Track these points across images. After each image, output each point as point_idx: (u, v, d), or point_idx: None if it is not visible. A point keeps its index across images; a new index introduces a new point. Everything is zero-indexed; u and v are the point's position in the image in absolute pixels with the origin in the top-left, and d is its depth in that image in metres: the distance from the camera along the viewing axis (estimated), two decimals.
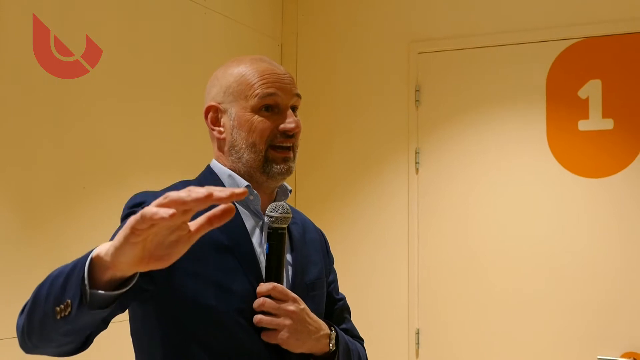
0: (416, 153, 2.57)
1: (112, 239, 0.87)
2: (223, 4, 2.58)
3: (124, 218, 1.13)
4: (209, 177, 1.23)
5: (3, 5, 1.85)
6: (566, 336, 2.35)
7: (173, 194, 0.74)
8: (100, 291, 0.83)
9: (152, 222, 0.73)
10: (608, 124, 2.34)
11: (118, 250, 0.79)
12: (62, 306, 0.86)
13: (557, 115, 2.44)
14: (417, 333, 2.52)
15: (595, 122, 2.37)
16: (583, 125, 2.37)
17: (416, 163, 2.57)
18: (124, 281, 0.85)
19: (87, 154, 2.09)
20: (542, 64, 2.45)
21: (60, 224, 1.97)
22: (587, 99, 2.39)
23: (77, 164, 2.06)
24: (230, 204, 0.76)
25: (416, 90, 2.59)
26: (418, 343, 2.51)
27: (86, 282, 0.83)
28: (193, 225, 0.79)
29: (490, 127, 2.52)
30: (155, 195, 1.09)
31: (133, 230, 0.75)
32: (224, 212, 0.75)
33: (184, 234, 0.78)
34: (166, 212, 0.72)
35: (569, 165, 2.38)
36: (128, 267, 0.82)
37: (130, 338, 1.21)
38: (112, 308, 0.88)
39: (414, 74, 2.62)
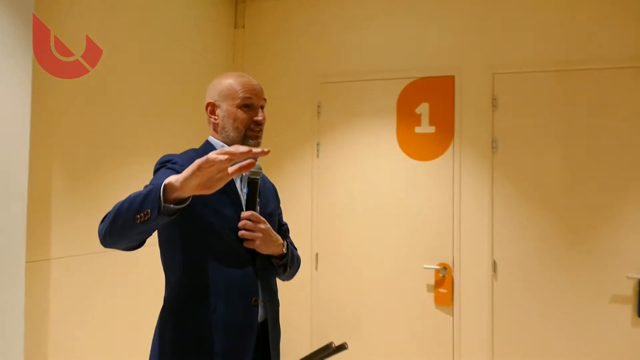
0: (317, 145, 3.44)
1: (146, 188, 1.22)
2: (192, 41, 3.03)
3: (156, 171, 1.47)
4: (209, 147, 1.56)
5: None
6: (406, 253, 3.24)
7: (227, 149, 1.04)
8: (170, 205, 1.13)
9: (212, 163, 1.03)
10: (432, 129, 3.23)
11: (187, 179, 1.09)
12: (143, 214, 1.14)
13: (403, 124, 3.28)
14: (317, 255, 3.41)
15: (424, 127, 3.24)
16: (418, 130, 3.26)
17: (317, 151, 3.45)
18: (181, 201, 1.15)
19: (115, 136, 2.37)
20: (394, 92, 3.29)
21: (95, 181, 2.25)
22: (420, 114, 3.26)
23: (108, 142, 2.32)
24: (252, 160, 1.06)
25: (318, 106, 3.45)
26: (317, 262, 3.43)
27: (161, 198, 1.12)
28: (230, 170, 1.08)
29: (364, 131, 3.37)
30: (174, 156, 1.49)
31: (200, 167, 1.05)
32: (249, 165, 1.06)
33: (225, 174, 1.09)
34: (223, 157, 1.02)
35: (410, 154, 3.27)
36: (190, 190, 1.11)
37: (159, 251, 1.51)
38: (174, 217, 1.17)
39: (317, 96, 3.45)
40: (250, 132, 1.54)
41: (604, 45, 3.06)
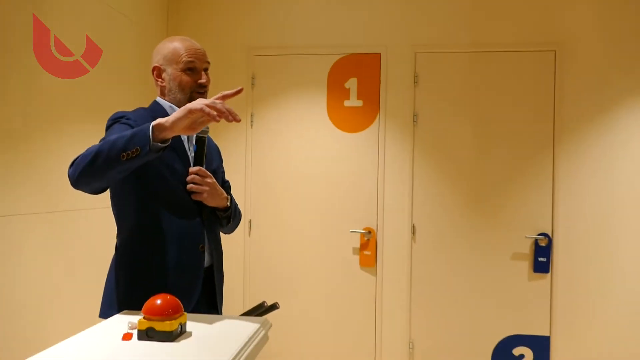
0: (251, 115, 3.58)
1: (102, 141, 1.33)
2: (126, 8, 3.01)
3: (109, 126, 1.55)
4: (157, 107, 1.64)
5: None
6: (334, 219, 3.47)
7: (213, 105, 1.27)
8: (158, 143, 1.28)
9: (201, 113, 1.25)
10: (359, 103, 3.46)
11: (178, 119, 1.28)
12: (131, 152, 1.26)
13: (333, 97, 3.48)
14: (250, 222, 3.59)
15: (353, 101, 3.46)
16: (347, 103, 3.47)
17: (251, 121, 3.58)
18: (164, 141, 1.29)
19: (45, 101, 2.28)
20: (325, 67, 3.49)
21: (37, 144, 2.30)
22: (349, 89, 3.47)
23: (37, 106, 2.27)
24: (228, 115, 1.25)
25: (252, 78, 3.56)
26: (250, 228, 3.59)
27: (151, 137, 1.27)
28: (209, 117, 1.27)
29: (297, 103, 3.52)
30: (126, 113, 1.57)
31: (190, 111, 1.26)
32: (227, 115, 1.29)
33: (206, 119, 1.29)
34: (214, 113, 1.24)
35: (339, 126, 3.49)
36: (178, 130, 1.28)
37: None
38: (158, 154, 1.30)
39: (251, 68, 3.57)
40: (195, 95, 1.62)
41: (511, 29, 3.39)
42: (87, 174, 1.33)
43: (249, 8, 3.64)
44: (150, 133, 1.29)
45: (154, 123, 1.30)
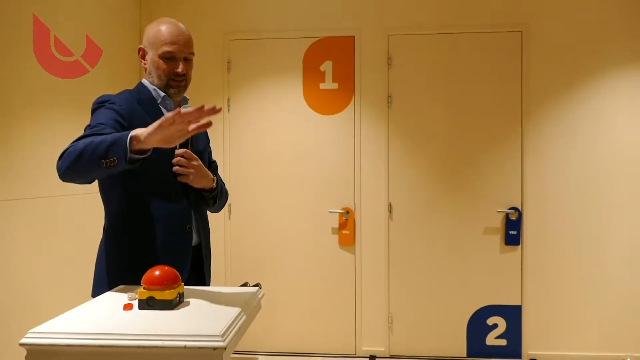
0: (228, 99, 3.60)
1: (86, 128, 1.35)
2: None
3: (95, 110, 1.54)
4: (142, 88, 1.65)
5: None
6: (313, 200, 3.55)
7: (179, 113, 1.18)
8: (134, 155, 1.27)
9: (171, 122, 1.20)
10: (335, 86, 3.51)
11: (150, 134, 1.23)
12: (109, 160, 1.26)
13: (309, 80, 3.53)
14: (230, 205, 3.63)
15: (328, 84, 3.52)
16: (322, 86, 3.52)
17: (228, 106, 3.61)
18: (144, 152, 1.28)
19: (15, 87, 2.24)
20: (301, 50, 3.52)
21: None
22: (324, 72, 3.52)
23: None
24: (210, 121, 1.17)
25: (228, 62, 3.58)
26: (230, 212, 3.64)
27: (128, 149, 1.26)
28: (190, 128, 1.22)
29: (273, 86, 3.55)
30: (111, 97, 1.56)
31: (160, 125, 1.21)
32: (207, 124, 1.21)
33: (184, 132, 1.23)
34: (179, 120, 1.18)
35: (315, 108, 3.54)
36: (152, 144, 1.25)
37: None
38: (135, 165, 1.29)
39: (227, 53, 3.58)
40: (172, 82, 1.61)
41: (480, 11, 3.50)
42: (71, 171, 1.34)
43: None
44: (128, 144, 1.27)
45: (132, 133, 1.28)
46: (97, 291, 1.61)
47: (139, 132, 1.27)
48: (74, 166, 1.32)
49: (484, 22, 3.49)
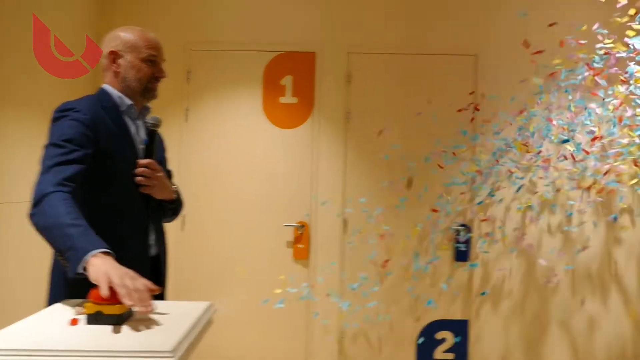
0: (186, 109, 3.58)
1: (52, 145, 1.35)
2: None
3: (57, 119, 1.49)
4: (105, 95, 1.62)
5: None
6: (268, 213, 3.54)
7: (135, 287, 1.20)
8: (84, 273, 1.26)
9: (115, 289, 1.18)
10: (295, 100, 3.52)
11: (95, 280, 1.21)
12: (62, 258, 1.29)
13: (269, 93, 3.52)
14: (184, 216, 3.56)
15: (288, 98, 3.52)
16: (282, 100, 3.53)
17: (186, 116, 3.58)
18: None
19: None
20: (262, 63, 3.53)
21: None
22: (284, 85, 3.52)
23: None
24: (150, 309, 1.19)
25: (188, 72, 3.56)
26: (184, 222, 3.58)
27: (83, 265, 1.25)
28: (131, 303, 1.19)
29: (233, 98, 3.55)
30: (74, 104, 1.51)
31: (102, 285, 1.18)
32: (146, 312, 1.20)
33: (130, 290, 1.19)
34: (129, 302, 1.18)
35: (274, 122, 3.55)
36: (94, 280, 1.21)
37: None
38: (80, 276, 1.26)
39: (187, 63, 3.56)
40: (150, 86, 1.65)
41: (436, 34, 3.62)
42: (39, 229, 1.35)
43: (185, 2, 3.63)
44: (84, 263, 1.25)
45: (92, 255, 1.25)
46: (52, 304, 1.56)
47: (93, 262, 1.24)
48: (42, 227, 1.33)
49: (438, 46, 3.60)
